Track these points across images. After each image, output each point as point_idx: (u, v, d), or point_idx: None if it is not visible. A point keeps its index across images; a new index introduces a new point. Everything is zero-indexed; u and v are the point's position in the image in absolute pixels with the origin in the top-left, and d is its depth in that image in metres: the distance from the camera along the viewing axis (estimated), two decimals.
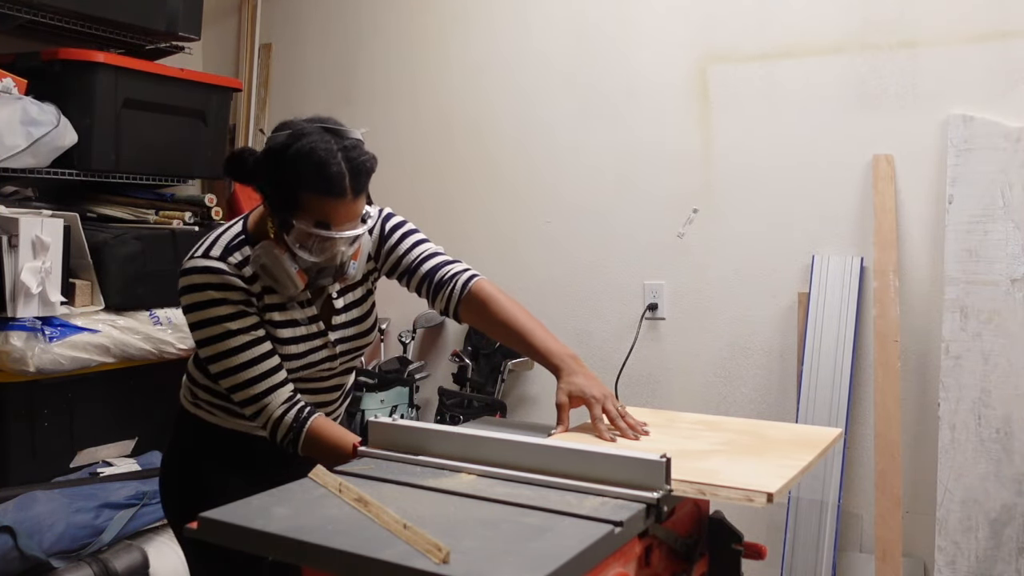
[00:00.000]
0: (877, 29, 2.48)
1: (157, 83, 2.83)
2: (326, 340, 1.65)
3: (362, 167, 1.50)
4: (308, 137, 1.48)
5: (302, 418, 1.55)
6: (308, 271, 1.55)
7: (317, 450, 1.52)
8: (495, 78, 3.05)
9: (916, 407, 2.46)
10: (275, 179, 1.50)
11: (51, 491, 2.28)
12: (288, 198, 1.49)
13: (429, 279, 1.69)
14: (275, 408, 1.54)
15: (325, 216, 1.48)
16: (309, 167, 1.46)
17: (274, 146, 1.51)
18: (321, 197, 1.47)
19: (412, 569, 0.96)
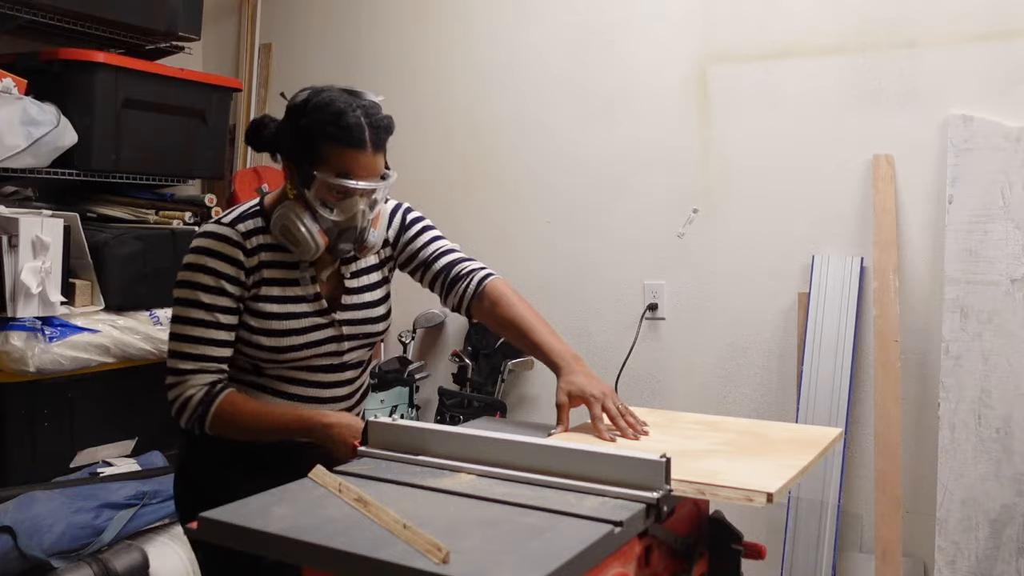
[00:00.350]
0: (877, 29, 2.48)
1: (157, 83, 2.83)
2: (331, 319, 1.63)
3: (380, 122, 1.54)
4: (327, 92, 1.54)
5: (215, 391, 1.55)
6: (329, 232, 1.55)
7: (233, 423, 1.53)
8: (495, 78, 3.05)
9: (916, 407, 2.46)
10: (295, 133, 1.54)
11: (51, 491, 2.28)
12: (308, 150, 1.52)
13: (444, 274, 1.72)
14: (192, 387, 1.55)
15: (345, 167, 1.51)
16: (328, 116, 1.50)
17: (294, 104, 1.56)
18: (341, 147, 1.50)
19: (412, 569, 0.96)
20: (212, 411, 1.53)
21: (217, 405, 1.53)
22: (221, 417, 1.53)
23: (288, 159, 1.58)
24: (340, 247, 1.58)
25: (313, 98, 1.54)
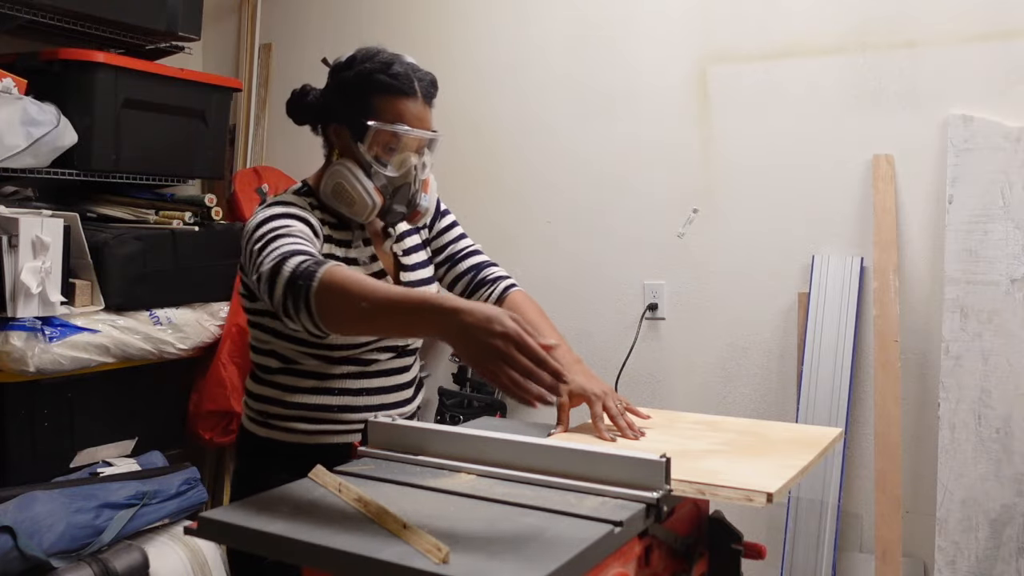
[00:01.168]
0: (877, 29, 2.48)
1: (157, 83, 2.83)
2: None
3: (427, 76, 1.56)
4: (370, 48, 1.55)
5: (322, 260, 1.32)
6: (384, 191, 1.51)
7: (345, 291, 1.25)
8: (495, 77, 3.05)
9: (916, 407, 2.46)
10: (343, 89, 1.53)
11: (51, 491, 2.28)
12: (358, 103, 1.50)
13: (471, 276, 1.74)
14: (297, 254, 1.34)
15: (398, 115, 1.50)
16: (377, 66, 1.50)
17: (339, 62, 1.56)
18: (392, 96, 1.49)
19: (412, 569, 0.96)
20: (322, 273, 1.26)
21: (327, 268, 1.27)
22: (333, 281, 1.26)
23: (335, 120, 1.54)
24: (394, 208, 1.54)
25: (358, 55, 1.54)
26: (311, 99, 1.58)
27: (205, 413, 2.85)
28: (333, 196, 1.52)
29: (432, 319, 1.17)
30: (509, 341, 1.11)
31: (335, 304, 1.25)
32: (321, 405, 1.57)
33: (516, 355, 1.11)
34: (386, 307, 1.22)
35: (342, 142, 1.54)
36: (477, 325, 1.12)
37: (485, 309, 1.13)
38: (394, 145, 1.51)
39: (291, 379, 1.57)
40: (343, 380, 1.58)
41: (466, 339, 1.13)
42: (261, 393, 1.60)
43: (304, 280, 1.27)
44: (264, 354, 1.59)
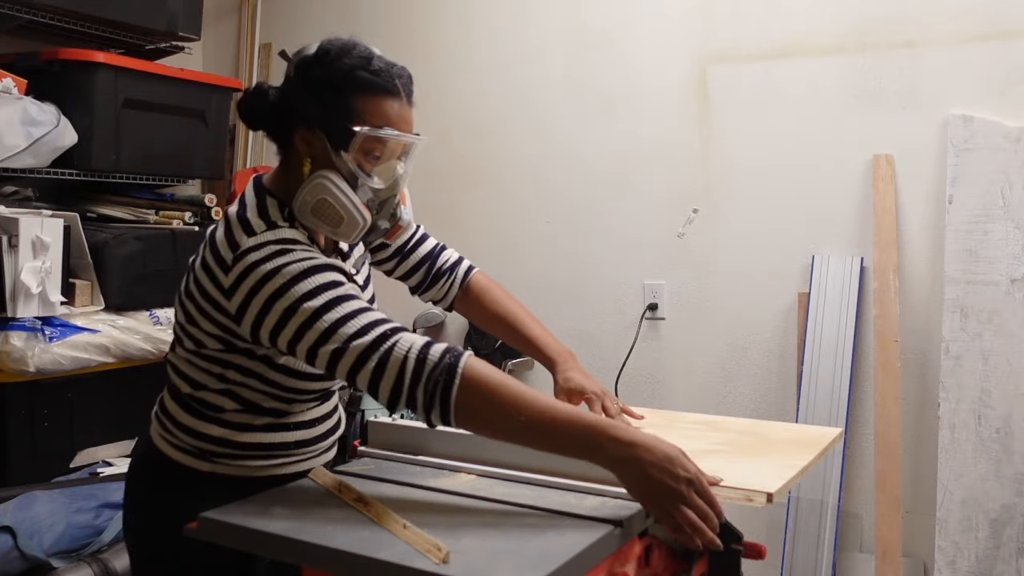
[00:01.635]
0: (877, 29, 2.48)
1: (157, 83, 2.82)
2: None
3: (403, 71, 1.37)
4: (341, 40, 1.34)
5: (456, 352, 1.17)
6: (370, 205, 1.33)
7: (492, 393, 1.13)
8: (495, 78, 3.05)
9: (916, 407, 2.46)
10: (315, 88, 1.31)
11: (51, 491, 2.28)
12: (339, 107, 1.29)
13: (428, 266, 1.61)
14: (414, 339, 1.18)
15: (385, 118, 1.31)
16: (356, 61, 1.31)
17: (306, 58, 1.33)
18: (377, 96, 1.31)
19: (412, 569, 0.96)
20: (463, 366, 1.14)
21: (468, 360, 1.15)
22: (476, 380, 1.13)
23: (303, 123, 1.32)
24: (378, 225, 1.36)
25: (330, 48, 1.32)
26: (270, 99, 1.35)
27: None
28: (313, 213, 1.31)
29: (603, 451, 1.11)
30: (692, 485, 1.10)
31: (481, 410, 1.15)
32: (277, 443, 1.40)
33: (696, 499, 1.10)
34: (548, 426, 1.13)
35: (314, 150, 1.33)
36: (658, 465, 1.09)
37: (663, 448, 1.11)
38: (379, 152, 1.33)
39: (245, 417, 1.38)
40: (301, 415, 1.43)
41: (642, 477, 1.10)
42: (204, 431, 1.37)
43: (444, 375, 1.14)
44: (218, 393, 1.37)
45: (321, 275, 1.23)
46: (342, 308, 1.20)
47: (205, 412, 1.38)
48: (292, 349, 1.22)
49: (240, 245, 1.26)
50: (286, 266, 1.23)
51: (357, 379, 1.18)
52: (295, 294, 1.21)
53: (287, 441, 1.41)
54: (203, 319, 1.31)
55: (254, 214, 1.31)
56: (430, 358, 1.15)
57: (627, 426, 1.17)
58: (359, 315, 1.20)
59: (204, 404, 1.38)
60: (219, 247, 1.29)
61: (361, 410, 2.84)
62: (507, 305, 1.62)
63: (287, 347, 1.22)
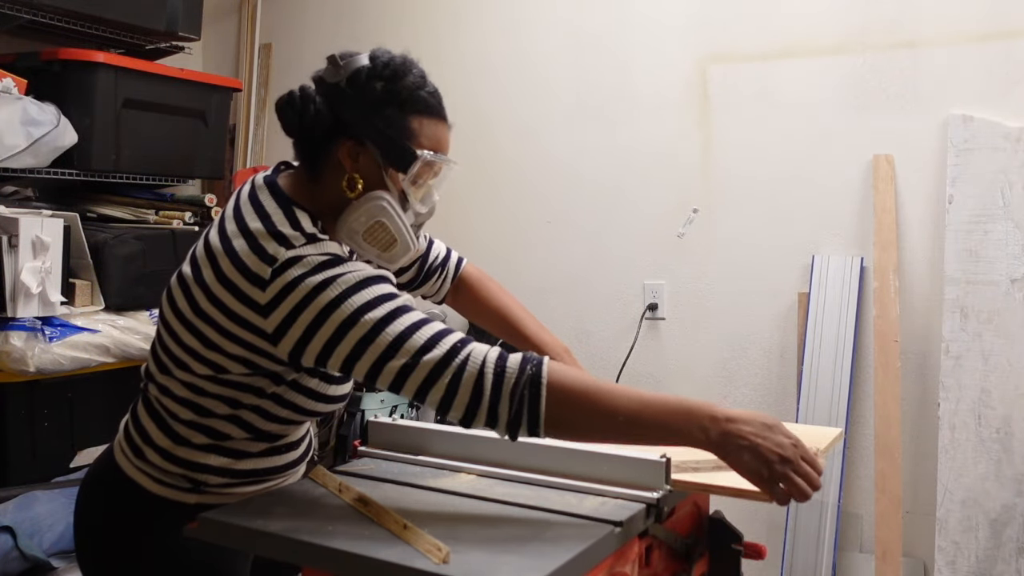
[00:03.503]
0: (877, 29, 2.48)
1: (157, 83, 2.82)
2: None
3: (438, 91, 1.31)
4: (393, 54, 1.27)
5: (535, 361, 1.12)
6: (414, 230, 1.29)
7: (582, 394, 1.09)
8: (495, 78, 3.05)
9: (916, 407, 2.46)
10: (376, 103, 1.23)
11: (51, 491, 2.28)
12: (399, 126, 1.23)
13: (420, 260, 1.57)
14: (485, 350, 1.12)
15: (439, 144, 1.27)
16: (416, 81, 1.25)
17: (362, 68, 1.24)
18: (434, 121, 1.27)
19: (412, 569, 0.96)
20: (547, 377, 1.09)
21: (550, 369, 1.10)
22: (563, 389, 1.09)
23: (355, 139, 1.24)
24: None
25: (388, 59, 1.25)
26: (318, 106, 1.25)
27: None
28: (364, 235, 1.24)
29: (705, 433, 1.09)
30: (797, 450, 1.09)
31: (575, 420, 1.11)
32: (271, 468, 1.35)
33: (803, 464, 1.09)
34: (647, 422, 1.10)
35: (361, 167, 1.25)
36: (761, 435, 1.09)
37: (760, 418, 1.11)
38: (428, 177, 1.29)
39: (248, 445, 1.30)
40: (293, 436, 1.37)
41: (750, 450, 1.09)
42: (203, 462, 1.29)
43: (528, 388, 1.09)
44: (227, 420, 1.27)
45: (378, 286, 1.15)
46: (406, 319, 1.13)
47: (206, 442, 1.28)
48: (349, 366, 1.13)
49: (278, 258, 1.16)
50: (339, 277, 1.14)
51: (428, 396, 1.11)
52: (352, 305, 1.12)
53: (279, 464, 1.35)
54: (227, 342, 1.19)
55: (285, 226, 1.20)
56: (508, 371, 1.10)
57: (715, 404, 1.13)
58: (424, 326, 1.13)
59: (208, 432, 1.27)
60: (245, 261, 1.17)
61: (361, 410, 2.84)
62: (501, 299, 1.59)
63: (342, 364, 1.13)
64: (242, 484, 1.33)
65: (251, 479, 1.33)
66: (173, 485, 1.30)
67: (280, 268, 1.15)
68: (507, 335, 1.60)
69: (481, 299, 1.60)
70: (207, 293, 1.20)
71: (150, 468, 1.32)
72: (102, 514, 1.38)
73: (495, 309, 1.59)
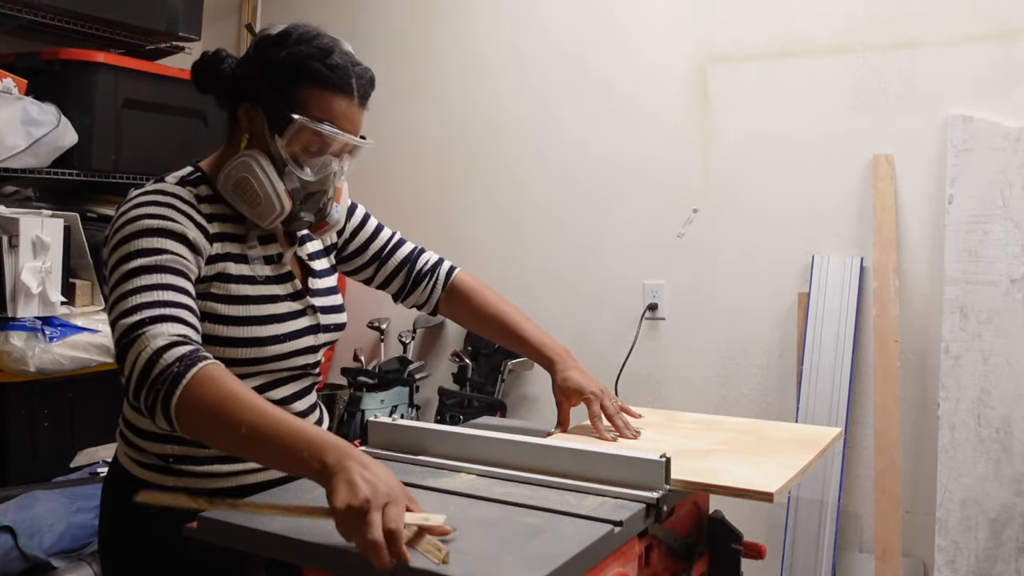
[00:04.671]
0: (877, 29, 2.48)
1: (157, 83, 2.82)
2: (307, 303, 1.40)
3: (365, 73, 1.37)
4: (308, 27, 1.37)
5: (199, 352, 1.12)
6: (294, 195, 1.32)
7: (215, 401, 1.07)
8: (495, 79, 3.05)
9: (916, 407, 2.46)
10: (269, 67, 1.33)
11: (51, 491, 2.28)
12: (284, 89, 1.31)
13: (407, 269, 1.58)
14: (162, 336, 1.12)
15: (328, 113, 1.30)
16: (314, 51, 1.33)
17: (267, 36, 1.36)
18: (326, 90, 1.31)
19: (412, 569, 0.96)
20: (192, 373, 1.09)
21: (202, 367, 1.10)
22: (202, 385, 1.08)
23: (250, 100, 1.33)
24: (300, 216, 1.34)
25: (295, 31, 1.35)
26: (225, 68, 1.36)
27: None
28: (234, 191, 1.32)
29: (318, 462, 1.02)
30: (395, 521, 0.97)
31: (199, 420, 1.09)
32: None
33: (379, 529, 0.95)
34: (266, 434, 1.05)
35: (254, 128, 1.34)
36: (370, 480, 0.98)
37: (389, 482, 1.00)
38: (316, 147, 1.32)
39: None
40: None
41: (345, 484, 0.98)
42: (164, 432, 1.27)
43: (167, 384, 1.08)
44: None
45: (160, 240, 1.22)
46: (145, 279, 1.18)
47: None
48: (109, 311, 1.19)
49: (129, 198, 1.31)
50: (134, 233, 1.22)
51: (120, 370, 1.15)
52: (119, 248, 1.21)
53: None
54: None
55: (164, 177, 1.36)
56: (161, 362, 1.10)
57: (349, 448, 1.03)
58: (149, 292, 1.16)
59: None
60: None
61: (361, 410, 2.84)
62: (498, 306, 1.58)
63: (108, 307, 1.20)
64: (208, 461, 1.32)
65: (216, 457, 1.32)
66: (150, 465, 1.34)
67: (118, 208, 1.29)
68: (506, 341, 1.59)
69: (476, 306, 1.59)
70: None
71: (131, 451, 1.37)
72: (104, 503, 1.42)
73: (491, 315, 1.58)
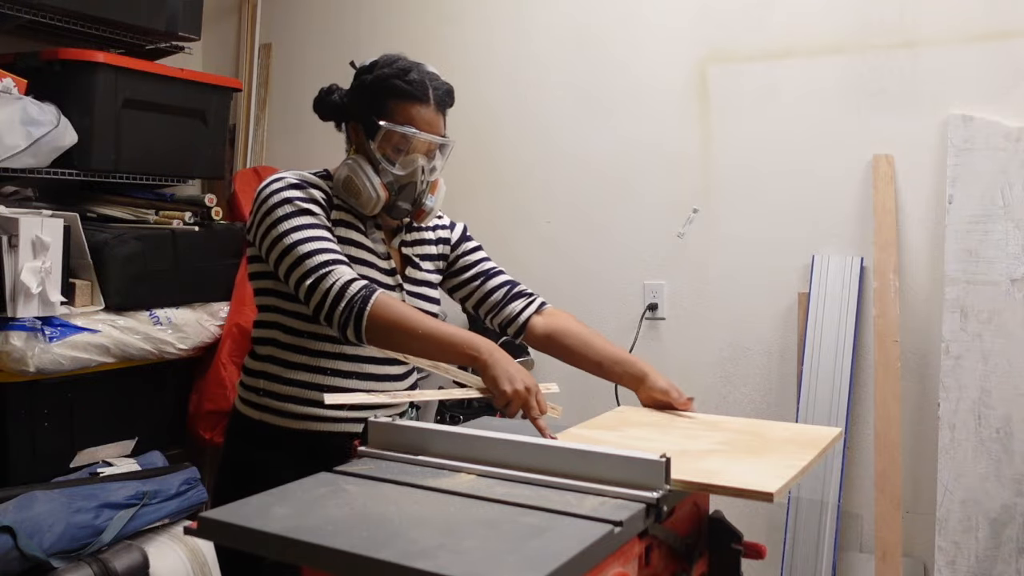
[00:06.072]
0: (877, 29, 2.48)
1: (157, 83, 2.82)
2: (398, 281, 1.69)
3: (443, 85, 1.67)
4: (392, 55, 1.68)
5: (373, 288, 1.52)
6: (389, 187, 1.62)
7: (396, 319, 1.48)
8: (495, 79, 3.05)
9: (916, 407, 2.46)
10: (361, 89, 1.65)
11: (51, 491, 2.28)
12: (373, 104, 1.62)
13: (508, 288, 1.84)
14: (346, 274, 1.52)
15: (408, 119, 1.61)
16: (394, 71, 1.62)
17: (363, 65, 1.69)
18: (404, 100, 1.61)
19: (412, 569, 0.96)
20: (375, 298, 1.49)
21: (379, 295, 1.50)
22: (384, 307, 1.49)
23: (353, 118, 1.67)
24: (399, 205, 1.64)
25: (382, 59, 1.67)
26: (335, 98, 1.70)
27: (205, 413, 2.84)
28: (343, 187, 1.63)
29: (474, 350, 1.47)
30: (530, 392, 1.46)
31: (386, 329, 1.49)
32: (312, 384, 1.63)
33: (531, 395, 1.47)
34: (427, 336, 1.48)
35: (358, 139, 1.67)
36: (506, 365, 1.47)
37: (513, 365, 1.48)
38: (403, 146, 1.62)
39: (288, 355, 1.64)
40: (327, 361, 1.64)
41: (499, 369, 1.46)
42: (259, 369, 1.66)
43: (359, 305, 1.49)
44: (268, 327, 1.67)
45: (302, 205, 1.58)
46: (311, 232, 1.55)
47: (262, 349, 1.66)
48: (276, 267, 1.57)
49: (268, 182, 1.62)
50: (287, 199, 1.57)
51: (310, 306, 1.53)
52: (276, 210, 1.57)
53: (321, 384, 1.62)
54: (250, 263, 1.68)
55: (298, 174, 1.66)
56: (349, 292, 1.50)
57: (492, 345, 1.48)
58: (318, 241, 1.54)
59: (261, 341, 1.67)
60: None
61: None
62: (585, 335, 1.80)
63: (273, 264, 1.57)
64: (289, 400, 1.62)
65: (296, 397, 1.62)
66: (248, 401, 1.67)
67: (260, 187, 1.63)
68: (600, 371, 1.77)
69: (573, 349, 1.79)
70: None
71: (242, 391, 1.69)
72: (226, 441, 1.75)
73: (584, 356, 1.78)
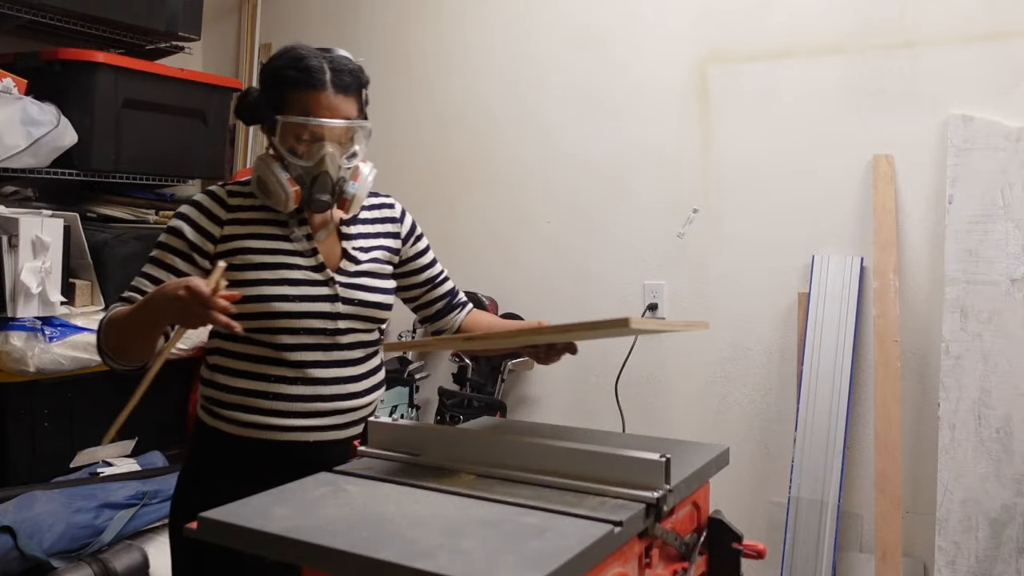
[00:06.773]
0: (877, 29, 2.48)
1: (157, 83, 2.83)
2: (328, 276, 1.59)
3: (343, 66, 1.56)
4: (286, 46, 1.60)
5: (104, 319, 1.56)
6: (300, 181, 1.55)
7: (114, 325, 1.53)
8: (495, 79, 3.05)
9: (916, 407, 2.46)
10: (262, 85, 1.59)
11: (51, 491, 2.28)
12: (272, 99, 1.56)
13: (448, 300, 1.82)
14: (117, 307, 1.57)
15: (304, 108, 1.53)
16: (288, 62, 1.55)
17: (267, 60, 1.62)
18: (300, 89, 1.53)
19: (412, 569, 0.96)
20: (107, 317, 1.54)
21: (111, 311, 1.55)
22: (111, 323, 1.54)
23: (261, 116, 1.60)
24: (316, 197, 1.55)
25: (279, 50, 1.59)
26: (250, 99, 1.62)
27: None
28: (259, 189, 1.60)
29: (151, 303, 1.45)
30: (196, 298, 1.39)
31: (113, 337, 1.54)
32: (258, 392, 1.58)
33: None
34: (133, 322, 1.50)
35: (269, 138, 1.60)
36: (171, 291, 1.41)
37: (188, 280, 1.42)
38: (306, 136, 1.55)
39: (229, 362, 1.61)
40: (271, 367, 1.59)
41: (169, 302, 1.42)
42: (210, 379, 1.64)
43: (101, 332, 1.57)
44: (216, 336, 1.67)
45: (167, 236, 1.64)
46: (146, 268, 1.62)
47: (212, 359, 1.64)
48: None
49: None
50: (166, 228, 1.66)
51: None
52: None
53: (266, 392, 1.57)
54: None
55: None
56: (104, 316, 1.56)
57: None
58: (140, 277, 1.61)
59: (212, 351, 1.65)
60: None
61: None
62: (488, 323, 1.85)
63: None
64: (236, 409, 1.58)
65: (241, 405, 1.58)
66: (204, 408, 1.64)
67: None
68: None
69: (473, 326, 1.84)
70: None
71: (200, 398, 1.67)
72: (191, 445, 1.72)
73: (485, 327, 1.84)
